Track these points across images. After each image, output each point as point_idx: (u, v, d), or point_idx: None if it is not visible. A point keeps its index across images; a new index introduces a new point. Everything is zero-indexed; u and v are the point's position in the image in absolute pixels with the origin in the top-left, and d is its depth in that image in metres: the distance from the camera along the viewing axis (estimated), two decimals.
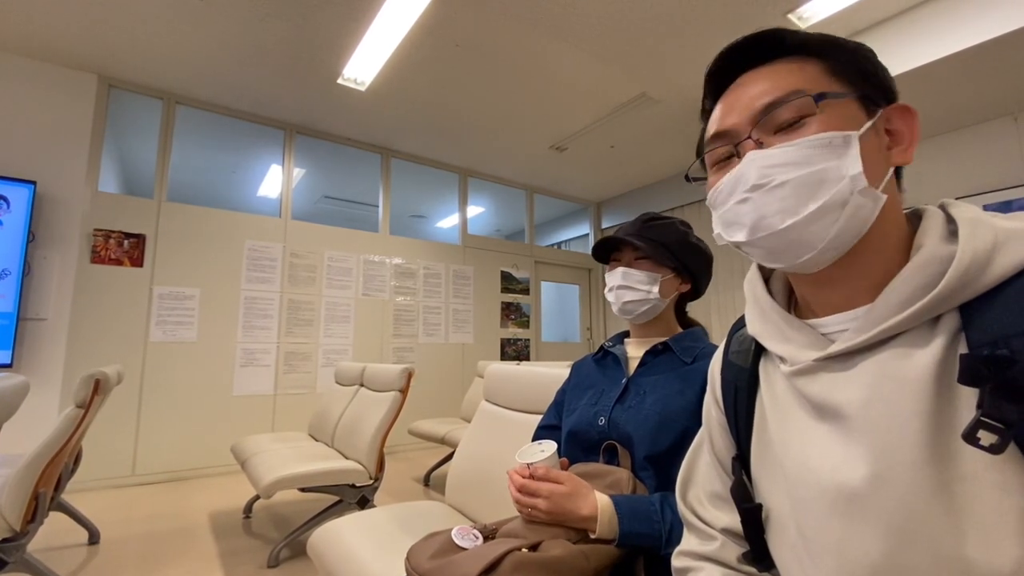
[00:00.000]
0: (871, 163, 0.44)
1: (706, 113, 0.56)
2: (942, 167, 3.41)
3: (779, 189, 0.45)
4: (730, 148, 0.51)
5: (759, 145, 0.47)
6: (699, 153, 0.58)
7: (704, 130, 0.57)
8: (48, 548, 2.09)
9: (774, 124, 0.47)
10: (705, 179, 0.56)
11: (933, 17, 2.58)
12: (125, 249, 3.25)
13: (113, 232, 3.22)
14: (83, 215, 3.09)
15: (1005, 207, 3.10)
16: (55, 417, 2.07)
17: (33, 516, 1.60)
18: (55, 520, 2.11)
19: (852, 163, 0.43)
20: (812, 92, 0.46)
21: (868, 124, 0.46)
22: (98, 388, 1.72)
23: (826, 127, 0.45)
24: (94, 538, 2.19)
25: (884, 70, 0.49)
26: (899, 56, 2.68)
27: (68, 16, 2.69)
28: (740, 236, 0.48)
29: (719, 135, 0.51)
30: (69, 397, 1.73)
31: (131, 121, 3.78)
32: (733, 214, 0.49)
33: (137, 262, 3.28)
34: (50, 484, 1.70)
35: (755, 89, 0.49)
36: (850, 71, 0.47)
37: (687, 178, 0.59)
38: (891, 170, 0.46)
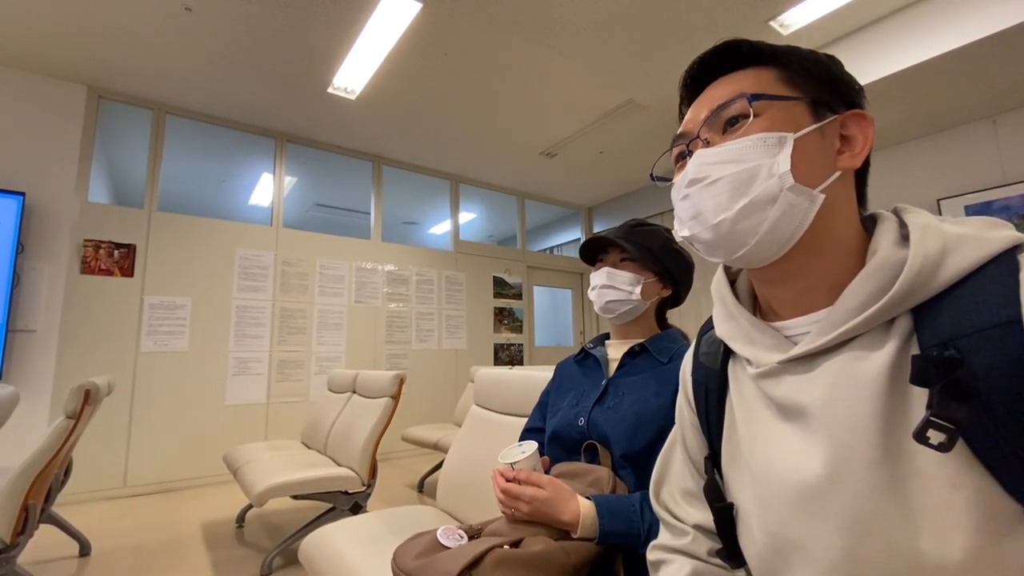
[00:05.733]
0: (810, 164, 0.46)
1: (681, 118, 0.60)
2: (924, 170, 3.47)
3: (714, 185, 0.48)
4: (684, 147, 0.54)
5: (706, 144, 0.51)
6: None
7: None
8: (38, 561, 2.08)
9: (720, 123, 0.51)
10: (670, 180, 0.59)
11: (910, 23, 2.64)
12: (115, 259, 3.24)
13: (103, 242, 3.22)
14: (73, 225, 3.08)
15: (985, 208, 3.16)
16: (45, 428, 2.07)
17: (23, 528, 1.60)
18: (45, 532, 2.10)
19: (782, 162, 0.46)
20: (749, 93, 0.49)
21: (812, 127, 0.47)
22: (88, 399, 1.72)
23: (766, 128, 0.47)
24: (85, 550, 2.18)
25: (847, 79, 0.51)
26: (878, 62, 2.74)
27: (57, 27, 2.70)
28: (684, 230, 0.52)
29: (679, 135, 0.56)
30: (59, 408, 1.73)
31: (121, 131, 3.78)
32: (678, 210, 0.52)
33: (128, 272, 3.27)
34: (40, 496, 1.69)
35: (716, 94, 0.52)
36: (803, 77, 0.50)
37: (652, 177, 0.64)
38: (836, 173, 0.47)
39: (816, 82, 0.50)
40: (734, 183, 0.47)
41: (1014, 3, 2.30)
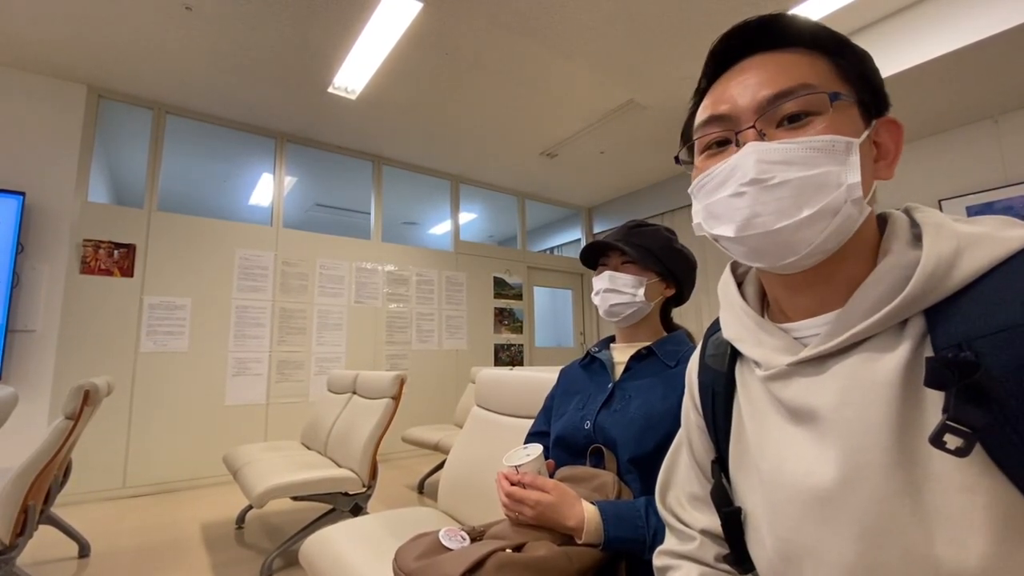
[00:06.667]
0: (865, 174, 0.43)
1: (699, 93, 0.53)
2: (926, 170, 3.46)
3: (779, 188, 0.43)
4: (727, 134, 0.48)
5: (761, 136, 0.45)
6: (686, 136, 0.55)
7: (693, 110, 0.54)
8: (37, 562, 2.07)
9: (778, 116, 0.45)
10: (691, 163, 0.53)
11: (912, 23, 2.64)
12: (115, 259, 3.24)
13: (103, 242, 3.21)
14: (72, 225, 3.08)
15: (987, 208, 3.16)
16: (44, 429, 2.06)
17: (22, 529, 1.59)
18: (44, 533, 2.09)
19: (851, 171, 0.43)
20: (824, 90, 0.44)
21: (866, 133, 0.45)
22: (87, 399, 1.72)
23: (832, 129, 0.43)
24: (84, 551, 2.17)
25: (881, 80, 0.48)
26: (880, 62, 2.70)
27: (57, 27, 2.69)
28: (726, 231, 0.46)
29: (717, 118, 0.49)
30: (58, 408, 1.72)
31: (121, 131, 3.77)
32: (724, 207, 0.46)
33: (127, 272, 3.26)
34: (39, 497, 1.69)
35: (761, 75, 0.47)
36: (855, 75, 0.46)
37: (677, 160, 0.56)
38: (875, 183, 0.46)
39: (863, 82, 0.46)
40: (802, 189, 0.43)
41: (1016, 3, 2.29)
